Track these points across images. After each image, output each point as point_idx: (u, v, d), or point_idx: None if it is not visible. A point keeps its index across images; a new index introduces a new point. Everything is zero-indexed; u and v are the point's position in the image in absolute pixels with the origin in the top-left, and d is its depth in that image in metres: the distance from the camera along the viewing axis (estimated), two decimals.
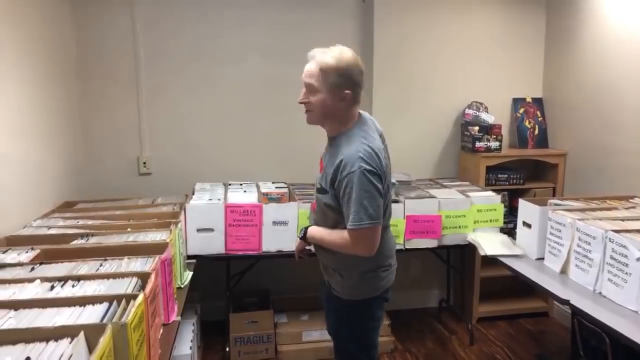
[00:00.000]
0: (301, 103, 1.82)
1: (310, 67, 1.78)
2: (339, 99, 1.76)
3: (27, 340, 1.09)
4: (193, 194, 2.93)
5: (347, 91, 1.75)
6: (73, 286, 1.47)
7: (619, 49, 2.89)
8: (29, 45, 2.40)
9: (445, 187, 3.17)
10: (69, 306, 1.34)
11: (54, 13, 2.82)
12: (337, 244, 1.79)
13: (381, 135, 1.90)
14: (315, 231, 1.90)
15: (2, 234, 2.01)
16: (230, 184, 3.15)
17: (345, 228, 1.74)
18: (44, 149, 2.54)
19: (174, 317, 1.86)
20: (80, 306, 1.34)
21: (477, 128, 3.36)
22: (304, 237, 1.95)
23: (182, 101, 3.28)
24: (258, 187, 3.08)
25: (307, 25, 3.31)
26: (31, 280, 1.49)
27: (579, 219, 2.18)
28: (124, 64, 3.17)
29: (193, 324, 2.66)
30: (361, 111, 1.87)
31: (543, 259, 2.41)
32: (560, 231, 2.26)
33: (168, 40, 3.21)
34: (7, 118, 2.14)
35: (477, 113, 3.45)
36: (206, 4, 3.22)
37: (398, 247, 2.79)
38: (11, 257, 1.76)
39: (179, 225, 2.23)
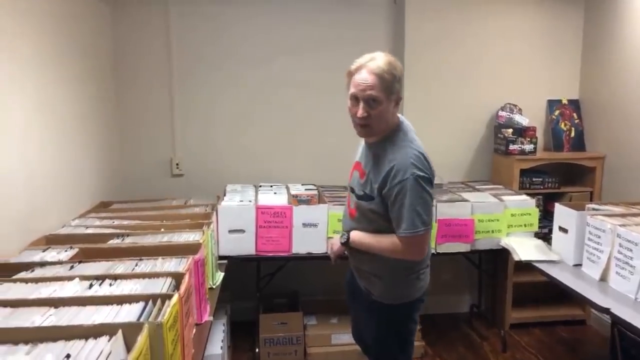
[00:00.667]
0: (360, 119, 1.72)
1: (368, 78, 1.67)
2: (394, 105, 1.74)
3: (67, 338, 1.11)
4: (224, 195, 2.96)
5: (400, 96, 1.75)
6: (110, 285, 1.50)
7: None
8: (70, 44, 2.47)
9: (478, 190, 3.11)
10: (107, 304, 1.37)
11: (95, 14, 2.90)
12: (387, 250, 1.76)
13: None
14: (361, 237, 1.85)
15: (42, 233, 2.07)
16: (260, 186, 3.18)
17: (391, 232, 1.74)
18: (83, 150, 2.61)
19: (207, 317, 1.88)
20: (118, 305, 1.36)
21: (510, 130, 3.29)
22: (346, 243, 1.90)
23: (214, 103, 3.32)
24: (288, 188, 3.10)
25: (337, 26, 3.31)
26: (70, 279, 1.53)
27: (619, 225, 2.10)
28: (158, 67, 3.23)
29: (223, 324, 2.69)
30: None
31: (581, 265, 2.34)
32: (599, 237, 2.19)
33: (201, 43, 3.26)
34: (48, 119, 2.21)
35: (511, 115, 3.38)
36: (239, 6, 3.25)
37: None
38: (51, 255, 1.81)
39: (211, 226, 2.25)
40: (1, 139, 1.82)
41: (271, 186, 3.18)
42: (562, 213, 2.49)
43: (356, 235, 1.86)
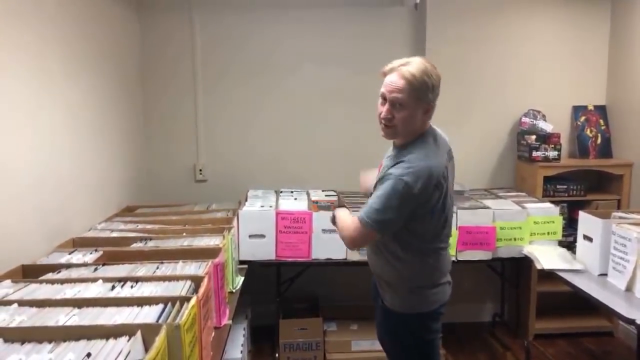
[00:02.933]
0: (384, 119, 1.72)
1: (397, 82, 1.67)
2: (423, 113, 1.72)
3: (89, 337, 1.15)
4: (246, 200, 2.99)
5: (432, 104, 1.72)
6: (132, 287, 1.54)
7: None
8: (98, 52, 2.55)
9: (500, 197, 3.07)
10: (128, 306, 1.40)
11: (123, 22, 2.99)
12: (344, 226, 1.81)
13: (449, 152, 1.84)
14: (340, 211, 1.91)
15: (70, 235, 2.14)
16: (281, 191, 3.21)
17: (407, 238, 1.76)
18: (110, 156, 2.69)
19: (226, 320, 1.91)
20: (138, 306, 1.40)
21: (534, 137, 3.24)
22: (333, 221, 1.95)
23: (238, 110, 3.37)
24: (308, 194, 3.12)
25: (359, 34, 3.33)
26: (94, 280, 1.58)
27: None
28: (183, 75, 3.31)
29: (244, 328, 2.72)
30: (432, 123, 1.82)
31: (606, 274, 2.28)
32: (625, 246, 2.13)
33: (224, 52, 3.32)
34: (77, 126, 2.28)
35: (534, 121, 3.33)
36: (263, 14, 3.30)
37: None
38: (77, 257, 1.87)
39: (232, 231, 2.28)
40: (32, 147, 1.90)
41: (292, 192, 3.20)
42: (586, 221, 2.43)
43: (339, 211, 1.92)
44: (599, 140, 3.39)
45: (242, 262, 2.62)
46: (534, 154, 3.19)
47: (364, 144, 3.26)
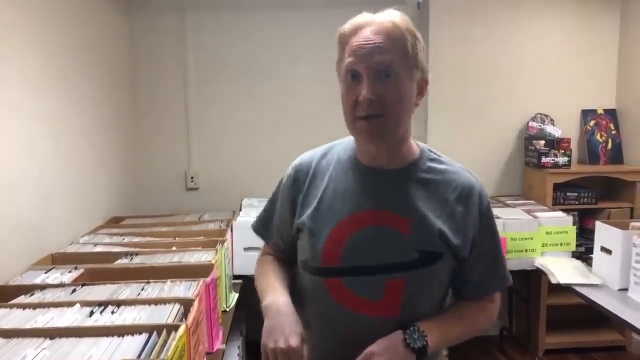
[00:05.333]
0: (368, 103, 1.00)
1: (374, 38, 1.00)
2: (417, 94, 1.06)
3: None
4: (240, 210, 2.84)
5: (426, 78, 1.07)
6: (113, 312, 1.38)
7: None
8: (84, 55, 2.40)
9: (509, 206, 2.93)
10: (107, 336, 1.25)
11: (111, 25, 2.84)
12: (485, 324, 1.20)
13: None
14: (442, 328, 1.08)
15: (49, 250, 1.97)
16: None
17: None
18: (94, 164, 2.52)
19: (218, 344, 1.74)
20: (119, 336, 1.24)
21: (542, 142, 3.10)
22: (423, 350, 1.01)
23: (230, 116, 3.23)
24: None
25: None
26: (71, 304, 1.42)
27: None
28: (174, 79, 3.16)
29: (238, 347, 2.55)
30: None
31: (626, 289, 2.13)
32: None
33: (217, 55, 3.18)
34: (57, 131, 2.12)
35: (542, 126, 3.19)
36: (258, 15, 3.16)
37: None
38: (54, 276, 1.71)
39: (225, 244, 2.12)
40: (6, 151, 1.73)
41: None
42: (604, 232, 2.29)
43: (434, 329, 1.04)
44: (609, 146, 3.25)
45: (236, 277, 2.45)
46: (543, 159, 3.05)
47: None
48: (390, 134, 1.04)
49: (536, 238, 2.62)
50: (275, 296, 1.08)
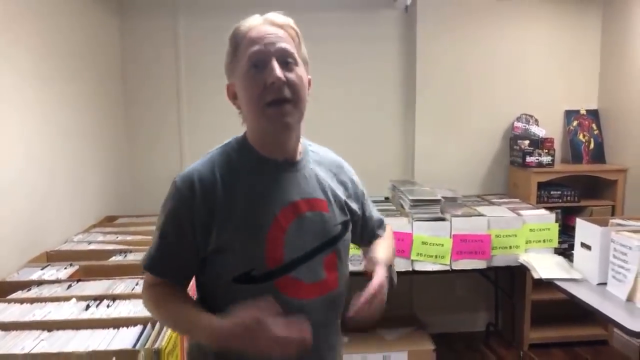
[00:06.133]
0: (282, 82, 1.06)
1: (274, 30, 1.10)
2: (308, 86, 1.17)
3: None
4: None
5: (308, 74, 1.17)
6: (108, 306, 1.43)
7: None
8: (75, 57, 2.44)
9: (494, 204, 3.00)
10: (103, 328, 1.30)
11: (103, 26, 2.88)
12: (391, 244, 1.37)
13: None
14: (386, 253, 1.26)
15: (43, 248, 2.01)
16: None
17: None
18: (88, 164, 2.56)
19: None
20: (114, 328, 1.29)
21: (527, 142, 3.18)
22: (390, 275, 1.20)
23: (223, 117, 3.22)
24: None
25: (349, 37, 3.25)
26: (67, 299, 1.47)
27: None
28: (166, 80, 3.20)
29: None
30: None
31: (605, 284, 2.21)
32: (625, 254, 2.07)
33: (209, 57, 3.20)
34: (52, 132, 2.16)
35: (527, 126, 3.27)
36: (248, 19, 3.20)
37: (444, 267, 2.66)
38: (50, 273, 1.75)
39: None
40: (4, 152, 1.77)
41: None
42: (584, 229, 2.37)
43: (382, 257, 1.21)
44: (591, 145, 3.34)
45: None
46: (528, 159, 3.13)
47: (359, 149, 3.17)
48: (297, 119, 1.10)
49: (520, 235, 2.69)
50: (212, 317, 0.98)
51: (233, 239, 1.02)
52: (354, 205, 1.21)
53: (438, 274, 2.73)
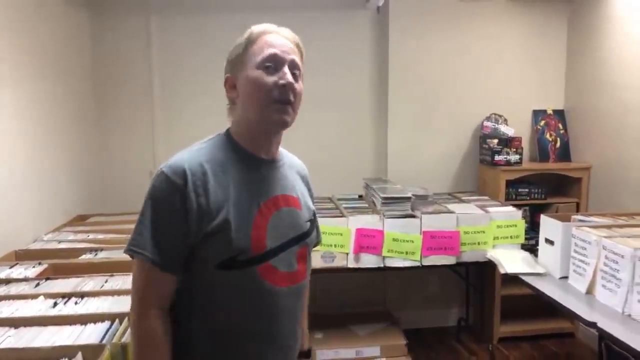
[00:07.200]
0: (290, 88, 1.16)
1: (288, 44, 1.20)
2: None
3: None
4: None
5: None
6: (76, 303, 1.44)
7: None
8: (46, 54, 2.42)
9: (464, 201, 3.08)
10: (70, 324, 1.31)
11: (73, 23, 2.86)
12: None
13: None
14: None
15: (12, 247, 1.99)
16: None
17: None
18: (59, 162, 2.54)
19: None
20: (81, 324, 1.31)
21: (496, 141, 3.27)
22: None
23: (195, 116, 3.27)
24: None
25: (322, 37, 3.28)
26: (35, 297, 1.47)
27: (605, 237, 2.07)
28: (138, 77, 3.19)
29: None
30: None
31: (567, 277, 2.30)
32: (585, 249, 2.15)
33: (183, 54, 3.22)
34: (24, 132, 2.14)
35: (496, 125, 3.36)
36: (223, 18, 3.21)
37: (414, 263, 2.73)
38: (18, 272, 1.74)
39: None
40: None
41: None
42: (547, 224, 2.45)
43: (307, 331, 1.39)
44: (558, 144, 3.45)
45: None
46: (496, 157, 3.21)
47: (333, 148, 3.22)
48: (291, 122, 1.20)
49: (488, 231, 2.77)
50: None
51: (223, 225, 1.08)
52: (312, 206, 1.33)
53: (410, 270, 2.79)
